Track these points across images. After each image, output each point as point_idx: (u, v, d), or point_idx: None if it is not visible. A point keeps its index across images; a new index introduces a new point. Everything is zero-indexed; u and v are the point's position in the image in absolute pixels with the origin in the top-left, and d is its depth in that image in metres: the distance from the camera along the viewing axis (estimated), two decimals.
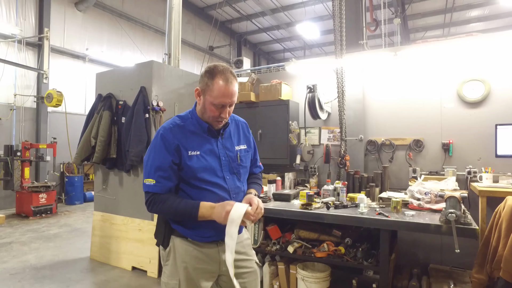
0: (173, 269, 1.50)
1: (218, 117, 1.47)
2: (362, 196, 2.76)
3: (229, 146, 1.58)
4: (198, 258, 1.50)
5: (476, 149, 3.24)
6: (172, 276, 1.50)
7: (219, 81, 1.42)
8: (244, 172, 1.63)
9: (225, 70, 1.44)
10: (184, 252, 1.50)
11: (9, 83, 7.72)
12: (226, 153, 1.55)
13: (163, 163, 1.43)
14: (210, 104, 1.45)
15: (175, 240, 1.52)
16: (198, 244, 1.51)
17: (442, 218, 2.20)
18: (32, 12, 8.20)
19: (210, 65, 1.47)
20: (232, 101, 1.46)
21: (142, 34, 10.92)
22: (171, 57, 4.84)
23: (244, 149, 1.65)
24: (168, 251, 1.53)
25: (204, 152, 1.49)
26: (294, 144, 3.83)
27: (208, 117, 1.49)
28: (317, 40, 14.32)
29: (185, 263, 1.48)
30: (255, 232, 3.13)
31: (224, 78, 1.42)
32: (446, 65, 3.40)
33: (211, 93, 1.43)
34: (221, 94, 1.42)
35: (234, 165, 1.56)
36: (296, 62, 3.83)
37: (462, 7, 10.41)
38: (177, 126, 1.50)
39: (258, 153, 1.82)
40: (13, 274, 3.69)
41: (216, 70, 1.44)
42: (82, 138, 4.05)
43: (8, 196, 7.48)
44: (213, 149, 1.52)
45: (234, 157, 1.57)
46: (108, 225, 4.10)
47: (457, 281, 2.77)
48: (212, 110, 1.46)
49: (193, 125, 1.52)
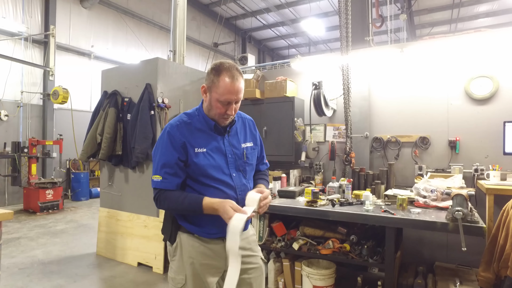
0: (180, 265, 1.51)
1: (224, 114, 1.47)
2: (368, 194, 2.75)
3: (235, 144, 1.58)
4: (205, 254, 1.50)
5: (483, 146, 3.21)
6: (178, 272, 1.51)
7: (225, 78, 1.42)
8: (250, 169, 1.63)
9: (231, 67, 1.44)
10: (190, 247, 1.51)
11: (16, 80, 7.78)
12: (232, 150, 1.55)
13: (169, 160, 1.45)
14: (216, 101, 1.45)
15: (182, 236, 1.53)
16: (205, 240, 1.52)
17: (449, 216, 2.18)
18: (38, 10, 8.24)
19: (216, 62, 1.47)
20: (238, 98, 1.46)
21: (147, 31, 10.93)
22: (176, 54, 4.84)
23: (250, 147, 1.64)
24: (175, 247, 1.54)
25: (211, 149, 1.50)
26: (300, 141, 3.82)
27: (215, 114, 1.49)
28: (322, 37, 14.22)
29: (192, 259, 1.49)
30: (260, 228, 3.13)
31: (230, 75, 1.42)
32: (453, 61, 3.36)
33: (217, 90, 1.43)
34: (227, 91, 1.42)
35: (240, 162, 1.57)
36: (301, 59, 3.81)
37: (470, 2, 10.25)
38: (184, 123, 1.50)
39: (264, 151, 1.81)
40: (21, 269, 3.75)
41: (222, 67, 1.44)
42: (88, 135, 4.08)
43: (16, 192, 7.58)
44: (220, 147, 1.53)
45: (240, 155, 1.57)
46: (114, 221, 4.14)
47: (463, 279, 2.75)
48: (218, 107, 1.46)
49: (199, 123, 1.53)
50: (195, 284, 1.48)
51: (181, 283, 1.49)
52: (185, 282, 1.49)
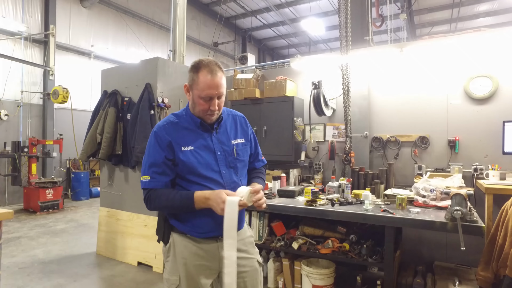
0: (174, 265, 1.51)
1: (208, 110, 1.47)
2: (367, 193, 2.76)
3: (224, 140, 1.57)
4: (198, 255, 1.49)
5: (482, 146, 3.21)
6: (172, 272, 1.50)
7: (204, 74, 1.42)
8: (241, 166, 1.61)
9: (210, 62, 1.45)
10: (183, 248, 1.50)
11: (16, 80, 7.79)
12: (221, 147, 1.54)
13: (156, 159, 1.45)
14: (198, 98, 1.45)
15: (175, 236, 1.53)
16: (197, 240, 1.51)
17: (448, 216, 2.19)
18: (38, 9, 8.24)
19: (196, 60, 1.48)
20: (219, 92, 1.45)
21: (147, 30, 10.93)
22: (176, 53, 4.85)
23: (241, 143, 1.62)
24: (168, 247, 1.54)
25: (198, 147, 1.49)
26: (299, 141, 3.82)
27: (199, 111, 1.49)
28: (322, 36, 14.21)
29: (185, 259, 1.48)
30: (259, 228, 3.14)
31: (209, 70, 1.42)
32: (453, 61, 3.36)
33: (197, 87, 1.44)
34: (207, 86, 1.42)
35: (230, 159, 1.55)
36: (301, 59, 3.81)
37: (470, 1, 10.24)
38: (171, 123, 1.51)
39: (259, 147, 1.79)
40: (22, 268, 3.75)
41: (201, 63, 1.44)
42: (88, 135, 4.09)
43: (16, 192, 7.59)
44: (208, 144, 1.52)
45: (230, 151, 1.56)
46: (114, 220, 4.15)
47: (463, 278, 2.76)
48: (201, 104, 1.46)
49: (187, 122, 1.53)
50: (189, 285, 1.47)
51: (175, 284, 1.48)
52: (179, 283, 1.48)
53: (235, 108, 4.26)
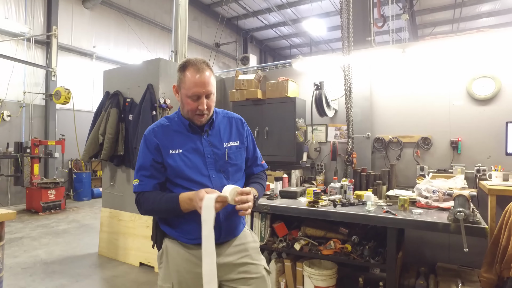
0: (167, 272, 1.46)
1: (196, 110, 1.42)
2: (369, 194, 2.75)
3: (216, 143, 1.51)
4: (191, 262, 1.44)
5: (485, 147, 3.19)
6: (165, 280, 1.46)
7: (191, 71, 1.40)
8: (234, 170, 1.53)
9: (197, 61, 1.42)
10: (176, 254, 1.46)
11: (18, 80, 7.82)
12: (212, 150, 1.49)
13: (144, 162, 1.45)
14: (186, 97, 1.42)
15: (167, 242, 1.49)
16: (189, 246, 1.45)
17: (451, 217, 2.18)
18: (41, 10, 8.28)
19: (183, 60, 1.46)
20: (207, 90, 1.41)
21: (149, 31, 10.96)
22: (177, 54, 4.86)
23: (235, 146, 1.55)
24: (161, 253, 1.50)
25: (187, 150, 1.46)
26: (301, 142, 3.82)
27: (187, 112, 1.45)
28: (323, 37, 14.21)
29: (178, 266, 1.45)
30: (261, 229, 3.13)
31: (195, 68, 1.40)
32: (455, 61, 3.35)
33: (184, 86, 1.41)
34: (194, 84, 1.39)
35: (221, 163, 1.49)
36: (303, 59, 3.81)
37: (472, 1, 10.21)
38: (161, 127, 1.50)
39: (259, 151, 1.71)
40: (24, 269, 3.77)
41: (187, 63, 1.43)
42: (90, 135, 4.10)
43: (19, 192, 7.62)
44: (197, 147, 1.47)
45: (221, 155, 1.50)
46: (116, 221, 4.15)
47: (465, 280, 2.74)
48: (189, 103, 1.42)
49: (177, 125, 1.50)
50: None
51: None
52: None
53: (237, 109, 4.27)
